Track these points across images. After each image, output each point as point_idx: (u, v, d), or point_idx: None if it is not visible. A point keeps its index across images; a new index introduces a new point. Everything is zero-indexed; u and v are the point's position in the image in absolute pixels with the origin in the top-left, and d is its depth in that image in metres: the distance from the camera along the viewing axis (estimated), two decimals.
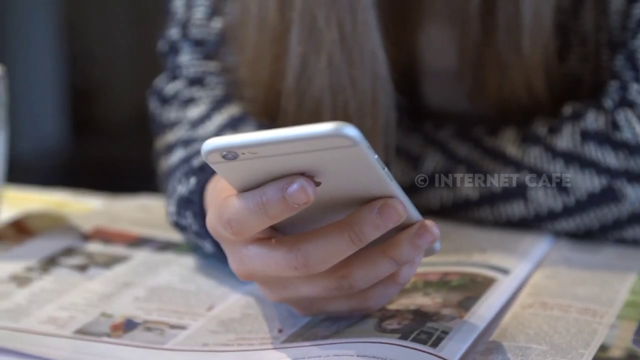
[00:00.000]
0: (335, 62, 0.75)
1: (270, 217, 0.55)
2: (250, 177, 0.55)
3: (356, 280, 0.58)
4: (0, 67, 0.80)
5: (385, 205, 0.56)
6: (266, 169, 0.54)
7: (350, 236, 0.56)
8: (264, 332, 0.63)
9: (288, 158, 0.53)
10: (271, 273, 0.58)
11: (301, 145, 0.52)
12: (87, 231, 0.82)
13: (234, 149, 0.52)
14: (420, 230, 0.58)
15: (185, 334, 0.64)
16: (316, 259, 0.56)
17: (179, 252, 0.78)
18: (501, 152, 0.79)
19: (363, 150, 0.52)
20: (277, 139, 0.51)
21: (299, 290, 0.60)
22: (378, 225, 0.55)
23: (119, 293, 0.70)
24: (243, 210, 0.55)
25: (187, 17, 0.88)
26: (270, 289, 0.61)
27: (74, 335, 0.64)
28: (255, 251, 0.58)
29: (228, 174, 0.55)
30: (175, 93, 0.86)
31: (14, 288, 0.71)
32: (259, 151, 0.52)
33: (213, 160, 0.53)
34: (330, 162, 0.53)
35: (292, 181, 0.54)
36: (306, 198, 0.54)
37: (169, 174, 0.80)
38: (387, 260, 0.58)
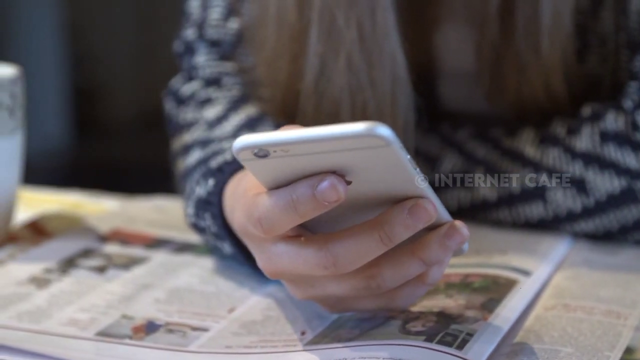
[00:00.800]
0: (354, 62, 0.75)
1: (300, 215, 0.55)
2: (280, 174, 0.54)
3: (384, 281, 0.58)
4: (16, 68, 0.80)
5: (416, 206, 0.55)
6: (297, 167, 0.54)
7: (381, 236, 0.55)
8: (287, 334, 0.63)
9: (319, 157, 0.53)
10: (300, 271, 0.58)
11: (333, 144, 0.51)
12: (105, 233, 0.82)
13: (265, 147, 0.52)
14: (450, 231, 0.57)
15: (208, 336, 0.63)
16: (345, 259, 0.56)
17: (197, 253, 0.78)
18: (520, 153, 0.79)
19: (396, 150, 0.52)
20: (310, 137, 0.51)
21: (327, 289, 0.59)
22: (408, 225, 0.55)
23: (138, 295, 0.70)
24: (273, 208, 0.55)
25: (203, 17, 0.88)
26: (297, 287, 0.61)
27: (95, 337, 0.63)
28: (284, 249, 0.58)
29: (258, 172, 0.55)
30: (192, 94, 0.86)
31: (33, 290, 0.70)
32: (291, 149, 0.52)
33: (244, 158, 0.53)
34: (362, 162, 0.53)
35: (322, 179, 0.53)
36: (337, 196, 0.53)
37: (186, 175, 0.80)
38: (416, 261, 0.58)
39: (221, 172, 0.71)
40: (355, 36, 0.74)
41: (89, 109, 3.53)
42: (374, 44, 0.75)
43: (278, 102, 0.80)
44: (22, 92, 0.80)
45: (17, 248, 0.79)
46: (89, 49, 3.60)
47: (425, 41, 0.84)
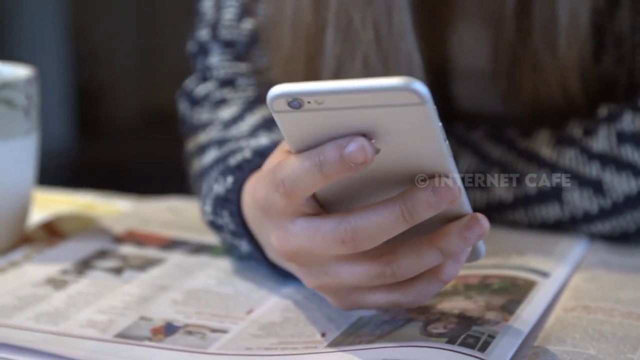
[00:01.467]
0: (370, 63, 0.75)
1: (325, 175, 0.54)
2: (309, 134, 0.54)
3: (400, 268, 0.57)
4: (31, 69, 0.80)
5: (441, 184, 0.55)
6: (327, 126, 0.53)
7: (403, 212, 0.55)
8: (306, 336, 0.63)
9: (351, 114, 0.52)
10: (317, 249, 0.57)
11: (368, 98, 0.51)
12: (119, 234, 0.82)
13: (301, 96, 0.52)
14: (471, 222, 0.57)
15: (227, 337, 0.63)
16: (365, 233, 0.55)
17: (213, 254, 0.78)
18: (536, 154, 0.79)
19: (429, 110, 0.52)
20: (345, 89, 0.51)
21: (340, 275, 0.59)
22: (431, 203, 0.55)
23: (156, 296, 0.70)
24: (299, 169, 0.54)
25: (216, 18, 0.88)
26: (310, 272, 0.60)
27: (115, 338, 0.63)
28: (303, 225, 0.57)
29: (288, 126, 0.54)
30: (206, 94, 0.86)
31: (51, 291, 0.70)
32: (325, 101, 0.52)
33: (277, 108, 0.53)
34: (393, 123, 0.53)
35: (351, 140, 0.53)
36: (364, 158, 0.53)
37: (202, 174, 0.79)
38: (433, 250, 0.57)
39: (240, 169, 0.71)
40: (371, 37, 0.74)
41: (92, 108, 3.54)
42: (391, 45, 0.75)
43: None
44: (37, 93, 0.80)
45: (32, 249, 0.78)
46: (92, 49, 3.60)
47: (439, 41, 0.84)
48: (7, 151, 0.77)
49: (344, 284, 0.59)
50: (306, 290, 0.69)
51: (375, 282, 0.58)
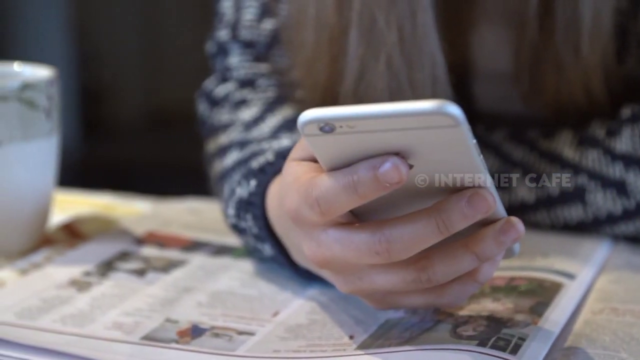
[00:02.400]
0: (394, 64, 0.74)
1: (360, 196, 0.54)
2: (341, 154, 0.54)
3: (435, 274, 0.57)
4: (52, 70, 0.80)
5: (476, 195, 0.55)
6: (359, 147, 0.53)
7: (437, 224, 0.54)
8: (334, 339, 0.62)
9: (384, 135, 0.52)
10: (350, 259, 0.57)
11: (400, 121, 0.51)
12: (140, 235, 0.82)
13: (332, 121, 0.51)
14: (506, 226, 0.57)
15: (254, 340, 0.63)
16: (400, 245, 0.55)
17: (235, 256, 0.77)
18: (558, 155, 0.79)
19: (463, 131, 0.51)
20: (378, 113, 0.51)
21: (375, 282, 0.58)
22: (466, 214, 0.54)
23: (180, 298, 0.69)
24: (333, 188, 0.54)
25: (236, 18, 0.87)
26: (344, 278, 0.60)
27: (141, 341, 0.63)
28: (335, 235, 0.57)
29: (320, 149, 0.54)
30: (226, 95, 0.86)
31: (75, 293, 0.70)
32: (358, 125, 0.51)
33: (309, 133, 0.53)
34: (426, 143, 0.52)
35: (385, 160, 0.53)
36: (398, 177, 0.53)
37: (223, 176, 0.79)
38: (469, 255, 0.57)
39: (263, 172, 0.71)
40: (395, 38, 0.74)
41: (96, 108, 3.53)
42: (414, 46, 0.74)
43: (315, 104, 0.79)
44: (58, 94, 0.79)
45: (53, 250, 0.78)
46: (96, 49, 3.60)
47: (460, 42, 0.83)
48: (29, 152, 0.77)
49: (378, 289, 0.59)
50: (331, 292, 0.69)
51: (411, 288, 0.58)
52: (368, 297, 0.62)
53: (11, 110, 0.75)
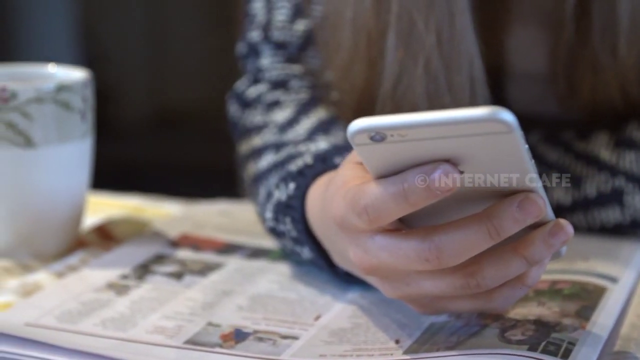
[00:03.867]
0: (433, 67, 0.74)
1: (411, 204, 0.53)
2: (391, 162, 0.53)
3: (485, 279, 0.56)
4: (86, 72, 0.79)
5: (527, 200, 0.54)
6: (409, 154, 0.53)
7: (489, 229, 0.54)
8: (380, 343, 0.62)
9: (435, 143, 0.52)
10: (399, 266, 0.56)
11: (452, 129, 0.50)
12: (174, 238, 0.81)
13: (384, 130, 0.51)
14: (555, 228, 0.56)
15: (299, 344, 0.62)
16: (450, 252, 0.54)
17: (271, 259, 0.77)
18: (594, 157, 0.78)
19: (516, 137, 0.51)
20: (431, 121, 0.50)
21: (422, 287, 0.58)
22: (518, 219, 0.54)
23: (220, 302, 0.69)
24: (382, 197, 0.54)
25: (267, 19, 0.87)
26: (390, 284, 0.59)
27: (185, 345, 0.62)
28: (383, 242, 0.56)
29: (369, 158, 0.54)
30: (258, 96, 0.85)
31: (113, 296, 0.70)
32: (409, 134, 0.51)
33: (359, 142, 0.52)
34: (478, 149, 0.52)
35: (436, 167, 0.52)
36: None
37: (258, 178, 0.79)
38: (518, 259, 0.56)
39: (302, 175, 0.70)
40: (434, 40, 0.73)
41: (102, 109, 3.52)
42: (452, 48, 0.74)
43: (352, 107, 0.79)
44: (92, 96, 0.79)
45: (87, 253, 0.78)
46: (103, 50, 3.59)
47: (495, 43, 0.83)
48: (64, 154, 0.76)
49: (426, 294, 0.58)
50: (371, 295, 0.69)
51: (459, 293, 0.57)
52: (414, 302, 0.61)
53: (47, 112, 0.75)
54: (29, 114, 0.74)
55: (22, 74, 0.81)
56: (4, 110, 0.74)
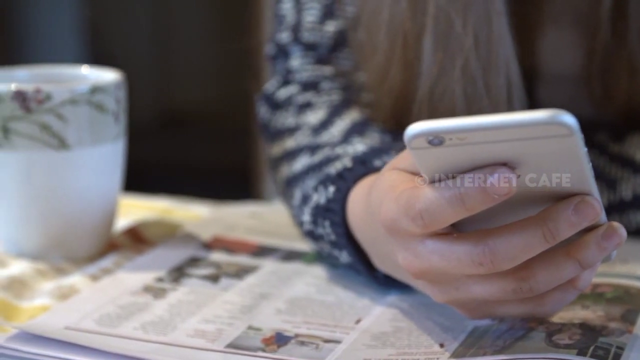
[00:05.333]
0: (470, 69, 0.73)
1: (467, 208, 0.53)
2: (446, 166, 0.53)
3: (537, 283, 0.56)
4: (119, 73, 0.79)
5: (583, 203, 0.54)
6: (466, 158, 0.52)
7: (544, 233, 0.53)
8: (424, 347, 0.62)
9: (492, 146, 0.51)
10: (450, 270, 0.56)
11: (512, 132, 0.50)
12: (206, 240, 0.81)
13: (443, 134, 0.50)
14: (609, 231, 0.56)
15: (342, 348, 0.62)
16: (504, 255, 0.54)
17: (306, 261, 0.77)
18: (630, 159, 0.78)
19: (577, 140, 0.50)
20: (491, 124, 0.50)
21: (472, 291, 0.57)
22: (573, 222, 0.53)
23: (259, 305, 0.68)
24: (438, 201, 0.53)
25: (297, 20, 0.86)
26: (440, 289, 0.59)
27: (227, 349, 0.62)
28: (435, 246, 0.56)
29: (425, 162, 0.53)
30: (288, 98, 0.85)
31: (151, 299, 0.69)
32: (468, 137, 0.50)
33: (416, 146, 0.51)
34: (535, 152, 0.51)
35: (493, 171, 0.52)
36: (508, 189, 0.52)
37: (292, 181, 0.78)
38: (572, 263, 0.56)
39: (342, 178, 0.70)
40: (472, 42, 0.73)
41: None
42: (490, 50, 0.73)
43: (386, 109, 0.78)
44: (125, 97, 0.79)
45: (120, 256, 0.77)
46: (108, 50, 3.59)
47: (528, 45, 0.82)
48: (98, 156, 0.76)
49: (475, 298, 0.58)
50: (411, 298, 0.68)
51: (510, 297, 0.57)
52: (462, 307, 0.61)
53: (81, 114, 0.74)
54: (63, 116, 0.74)
55: (54, 75, 0.80)
56: (39, 112, 0.73)
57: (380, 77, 0.78)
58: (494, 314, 0.60)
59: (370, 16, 0.78)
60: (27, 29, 3.42)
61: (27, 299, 0.70)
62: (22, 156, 0.74)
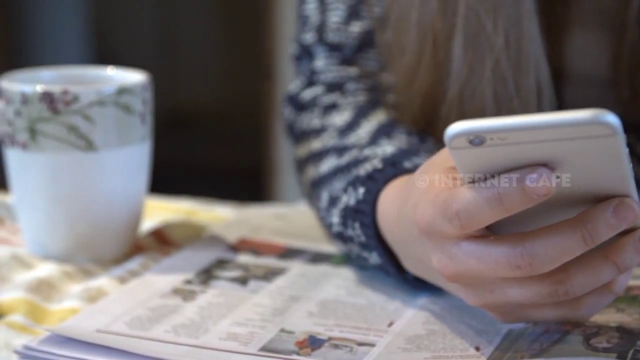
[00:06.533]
0: (501, 70, 0.73)
1: (506, 208, 0.52)
2: (485, 166, 0.52)
3: (573, 286, 0.55)
4: (145, 75, 0.78)
5: (622, 204, 0.53)
6: (505, 159, 0.52)
7: (583, 235, 0.53)
8: (460, 350, 0.61)
9: (532, 146, 0.51)
10: (486, 272, 0.55)
11: (554, 132, 0.49)
12: (233, 242, 0.80)
13: (484, 134, 0.50)
14: None
15: (376, 351, 0.62)
16: (543, 258, 0.53)
17: (333, 263, 0.76)
18: None
19: (619, 141, 0.50)
20: (533, 124, 0.49)
21: (508, 295, 0.57)
22: (612, 225, 0.53)
23: (290, 308, 0.68)
24: (476, 201, 0.53)
25: (322, 21, 0.86)
26: (474, 292, 0.58)
27: (261, 352, 0.61)
28: (471, 248, 0.55)
29: (464, 162, 0.53)
30: (313, 99, 0.84)
31: (180, 302, 0.69)
32: (510, 137, 0.50)
33: (456, 146, 0.51)
34: (575, 153, 0.51)
35: (532, 171, 0.51)
36: (547, 190, 0.51)
37: (319, 182, 0.78)
38: (609, 266, 0.55)
39: (372, 180, 0.69)
40: (502, 42, 0.72)
41: None
42: (520, 50, 0.73)
43: (414, 110, 0.78)
44: (151, 99, 0.78)
45: (147, 258, 0.77)
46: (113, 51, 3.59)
47: (555, 45, 0.82)
48: (124, 158, 0.75)
49: (510, 302, 0.58)
50: (442, 301, 0.68)
51: (546, 301, 0.56)
52: (495, 310, 0.60)
53: (108, 115, 0.74)
54: (90, 117, 0.73)
55: (78, 76, 0.80)
56: (66, 113, 0.73)
57: (408, 78, 0.77)
58: (527, 317, 0.60)
59: (399, 17, 0.77)
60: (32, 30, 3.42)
61: (56, 301, 0.70)
62: (49, 158, 0.74)
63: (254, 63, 2.76)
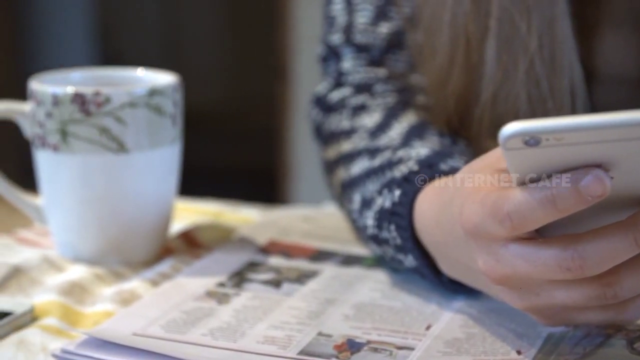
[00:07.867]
0: (535, 71, 0.72)
1: (559, 210, 0.52)
2: (538, 167, 0.52)
3: (622, 289, 0.55)
4: (175, 76, 0.78)
5: None
6: (559, 160, 0.51)
7: (636, 238, 0.53)
8: (501, 354, 0.61)
9: (587, 148, 0.50)
10: (535, 275, 0.55)
11: (611, 132, 0.49)
12: (263, 244, 0.80)
13: (541, 134, 0.49)
14: None
15: (416, 355, 0.61)
16: (594, 261, 0.53)
17: (365, 265, 0.76)
18: None
19: None
20: (592, 124, 0.48)
21: (554, 298, 0.57)
22: None
23: (325, 311, 0.68)
24: (528, 203, 0.52)
25: (349, 21, 0.85)
26: (520, 295, 0.58)
27: (300, 356, 0.61)
28: (519, 251, 0.55)
29: (517, 163, 0.52)
30: (341, 100, 0.84)
31: (215, 305, 0.68)
32: (566, 137, 0.49)
33: (511, 146, 0.50)
34: (630, 154, 0.51)
35: (587, 172, 0.51)
36: (602, 191, 0.51)
37: (350, 184, 0.77)
38: None
39: (408, 182, 0.69)
40: (536, 44, 0.72)
41: None
42: (554, 52, 0.73)
43: (447, 112, 0.77)
44: (182, 100, 0.78)
45: (177, 260, 0.76)
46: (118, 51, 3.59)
47: (586, 47, 0.82)
48: (155, 160, 0.75)
49: (556, 305, 0.57)
50: (478, 304, 0.67)
51: (594, 304, 0.56)
52: (539, 313, 0.60)
53: (140, 117, 0.73)
54: (122, 119, 0.73)
55: (108, 78, 0.79)
56: (98, 115, 0.72)
57: (440, 79, 0.77)
58: (571, 320, 0.59)
59: (431, 18, 0.77)
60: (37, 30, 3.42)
61: (89, 304, 0.69)
62: (80, 159, 0.73)
63: (266, 63, 2.76)
